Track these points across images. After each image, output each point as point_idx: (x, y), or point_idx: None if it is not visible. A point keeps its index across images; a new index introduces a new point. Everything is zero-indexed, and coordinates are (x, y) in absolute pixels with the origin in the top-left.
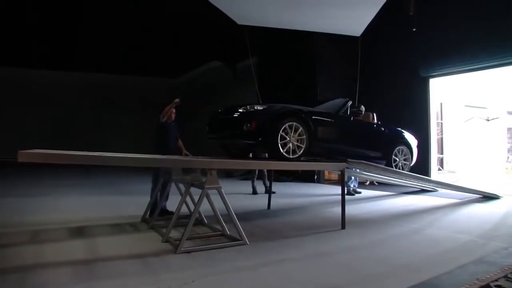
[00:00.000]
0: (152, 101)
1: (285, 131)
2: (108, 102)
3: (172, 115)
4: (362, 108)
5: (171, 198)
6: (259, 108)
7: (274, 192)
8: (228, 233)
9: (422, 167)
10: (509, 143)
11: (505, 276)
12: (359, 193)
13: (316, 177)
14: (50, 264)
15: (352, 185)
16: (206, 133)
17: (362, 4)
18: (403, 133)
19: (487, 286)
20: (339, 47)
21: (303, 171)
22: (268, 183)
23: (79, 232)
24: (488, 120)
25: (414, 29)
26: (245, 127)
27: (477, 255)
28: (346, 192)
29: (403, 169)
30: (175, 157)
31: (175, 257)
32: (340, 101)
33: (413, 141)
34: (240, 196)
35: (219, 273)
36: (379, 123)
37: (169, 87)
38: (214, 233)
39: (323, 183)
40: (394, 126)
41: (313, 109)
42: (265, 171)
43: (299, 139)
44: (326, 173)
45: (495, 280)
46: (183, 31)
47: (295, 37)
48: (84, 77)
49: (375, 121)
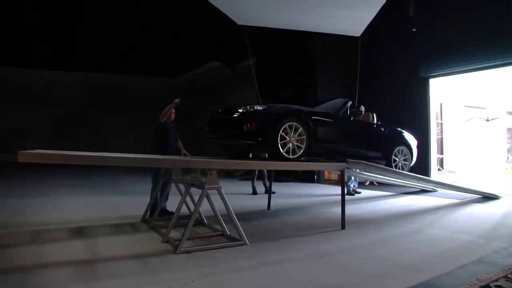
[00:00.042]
0: (152, 101)
1: (285, 131)
2: (108, 102)
3: (171, 115)
4: (362, 108)
5: (171, 198)
6: (259, 108)
7: (274, 192)
8: (228, 233)
9: (422, 167)
10: (508, 143)
11: (505, 276)
12: (359, 193)
13: (316, 177)
14: (50, 264)
15: (352, 185)
16: (206, 133)
17: (362, 4)
18: (403, 133)
19: (487, 286)
20: (339, 47)
21: (303, 171)
22: (268, 183)
23: (80, 232)
24: (488, 121)
25: (414, 29)
26: (245, 127)
27: (477, 255)
28: (346, 192)
29: (403, 169)
30: (175, 157)
31: (175, 257)
32: (340, 101)
33: (413, 141)
34: (240, 196)
35: (219, 273)
36: (379, 123)
37: (169, 87)
38: (214, 233)
39: (323, 183)
40: (394, 126)
41: (313, 109)
42: (265, 171)
43: (299, 139)
44: (326, 173)
45: (495, 280)
46: (183, 31)
47: (295, 37)
48: (84, 77)
49: (375, 121)
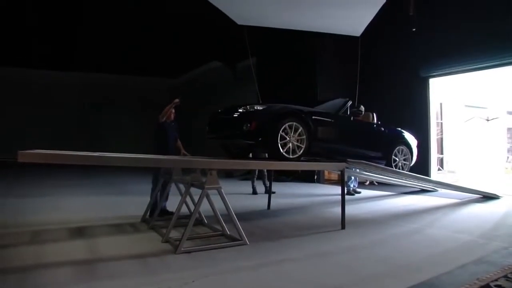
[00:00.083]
0: (152, 101)
1: (285, 131)
2: (108, 102)
3: (171, 115)
4: (362, 108)
5: (171, 198)
6: (259, 108)
7: (274, 192)
8: (228, 233)
9: (422, 167)
10: (509, 143)
11: (505, 276)
12: (359, 193)
13: (316, 177)
14: (50, 264)
15: (352, 185)
16: (206, 133)
17: (362, 4)
18: (403, 133)
19: (487, 286)
20: (339, 47)
21: (303, 171)
22: (268, 183)
23: (79, 232)
24: (488, 120)
25: (414, 29)
26: (245, 127)
27: (477, 255)
28: (346, 192)
29: (403, 169)
30: (175, 157)
31: (175, 257)
32: (340, 101)
33: (413, 141)
34: (240, 196)
35: (219, 273)
36: (379, 123)
37: (169, 87)
38: (214, 233)
39: (323, 183)
40: (394, 126)
41: (313, 109)
42: (265, 171)
43: (299, 139)
44: (326, 173)
45: (495, 280)
46: (183, 31)
47: (295, 37)
48: (84, 77)
49: (375, 121)
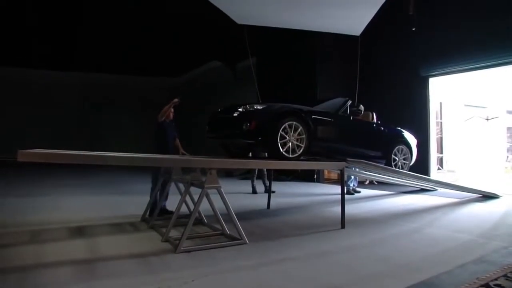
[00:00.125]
0: (152, 101)
1: (285, 131)
2: (108, 102)
3: (170, 114)
4: (362, 108)
5: (171, 198)
6: (259, 107)
7: (273, 192)
8: (228, 232)
9: (422, 166)
10: (508, 142)
11: (504, 275)
12: (359, 192)
13: (315, 176)
14: (50, 263)
15: (351, 185)
16: (206, 133)
17: (361, 3)
18: (402, 132)
19: (487, 285)
20: (339, 47)
21: (302, 170)
22: (267, 183)
23: (79, 231)
24: (487, 120)
25: (414, 29)
26: (244, 127)
27: (477, 254)
28: (345, 191)
29: (402, 168)
30: (175, 156)
31: (175, 256)
32: (339, 100)
33: (412, 141)
34: (239, 195)
35: (219, 272)
36: (379, 122)
37: (169, 87)
38: (214, 232)
39: (322, 182)
40: (394, 126)
41: (312, 108)
42: (265, 170)
43: (298, 138)
44: (326, 172)
45: (495, 279)
46: (183, 31)
47: (295, 37)
48: (84, 77)
49: (375, 120)
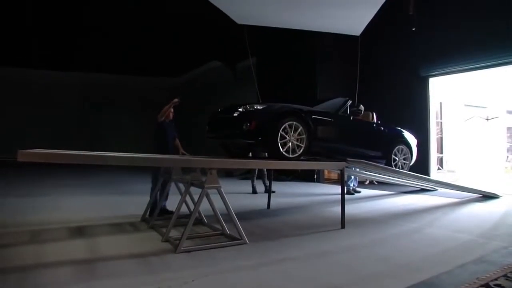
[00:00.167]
0: (152, 101)
1: (285, 131)
2: (108, 102)
3: (170, 114)
4: (362, 108)
5: (171, 198)
6: (259, 107)
7: (273, 192)
8: (228, 232)
9: (422, 166)
10: (508, 142)
11: (504, 275)
12: (359, 192)
13: (315, 176)
14: (50, 263)
15: (351, 185)
16: (206, 133)
17: (361, 3)
18: (402, 132)
19: (487, 285)
20: (339, 47)
21: (302, 170)
22: (267, 183)
23: (79, 231)
24: (487, 120)
25: (414, 29)
26: (245, 127)
27: (477, 254)
28: (345, 191)
29: (402, 168)
30: (175, 156)
31: (175, 256)
32: (339, 100)
33: (412, 141)
34: (240, 195)
35: (219, 272)
36: (379, 122)
37: (169, 87)
38: (214, 232)
39: (322, 182)
40: (394, 126)
41: (312, 108)
42: (265, 170)
43: (298, 138)
44: (326, 172)
45: (495, 279)
46: (183, 31)
47: (295, 37)
48: (84, 77)
49: (375, 120)
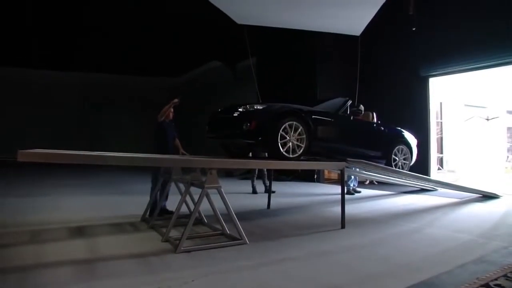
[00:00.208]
0: (152, 101)
1: (285, 131)
2: (108, 102)
3: (170, 114)
4: (362, 108)
5: (171, 198)
6: (259, 107)
7: (274, 192)
8: (228, 232)
9: (422, 166)
10: (508, 142)
11: (504, 275)
12: (359, 192)
13: (316, 176)
14: (50, 263)
15: (351, 185)
16: (206, 133)
17: (361, 3)
18: (402, 132)
19: (487, 285)
20: (339, 47)
21: (302, 170)
22: (268, 183)
23: (79, 231)
24: (487, 120)
25: (414, 29)
26: (245, 127)
27: (477, 254)
28: (346, 191)
29: (402, 168)
30: (175, 156)
31: (175, 256)
32: (339, 100)
33: (412, 141)
34: (240, 195)
35: (219, 272)
36: (379, 122)
37: (169, 87)
38: (214, 232)
39: (322, 182)
40: (394, 126)
41: (313, 108)
42: (265, 170)
43: (299, 138)
44: (326, 172)
45: (495, 279)
46: (183, 31)
47: (295, 37)
48: (84, 77)
49: (375, 120)
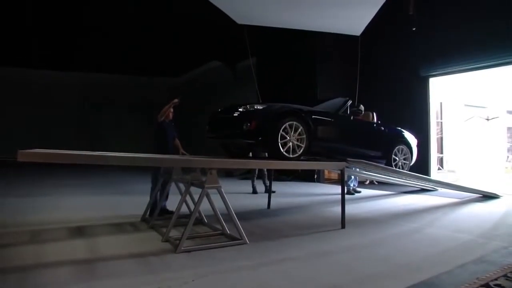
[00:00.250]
0: (152, 101)
1: (285, 131)
2: (108, 102)
3: (170, 114)
4: (362, 108)
5: (171, 198)
6: (259, 107)
7: (274, 192)
8: (228, 232)
9: (422, 166)
10: (508, 142)
11: (504, 275)
12: (359, 192)
13: (316, 176)
14: (50, 263)
15: (352, 185)
16: (206, 133)
17: (362, 3)
18: (403, 132)
19: (487, 285)
20: (339, 47)
21: (303, 170)
22: (268, 183)
23: (79, 231)
24: (488, 120)
25: (414, 29)
26: (245, 127)
27: (477, 254)
28: (346, 191)
29: (403, 168)
30: (175, 156)
31: (175, 256)
32: (340, 100)
33: (413, 141)
34: (240, 195)
35: (219, 272)
36: (379, 122)
37: (169, 87)
38: (214, 232)
39: (323, 182)
40: (394, 126)
41: (313, 108)
42: (265, 170)
43: (299, 138)
44: (326, 172)
45: (495, 279)
46: (183, 31)
47: (295, 37)
48: (84, 77)
49: (375, 120)
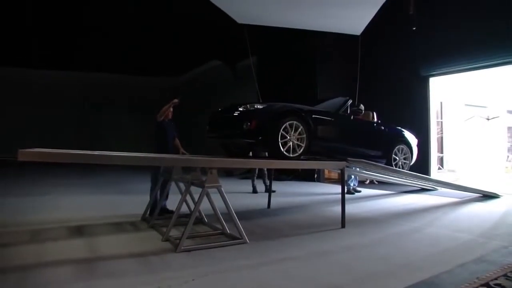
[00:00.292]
0: (152, 101)
1: (285, 130)
2: (108, 102)
3: (169, 114)
4: (362, 107)
5: (171, 197)
6: (259, 107)
7: (274, 191)
8: (228, 232)
9: (422, 166)
10: (509, 142)
11: (504, 275)
12: (359, 192)
13: (316, 176)
14: (50, 263)
15: (352, 184)
16: (206, 133)
17: (362, 3)
18: (403, 132)
19: (487, 285)
20: (339, 46)
21: (303, 170)
22: (268, 182)
23: (79, 231)
24: (488, 119)
25: (414, 28)
26: (245, 126)
27: (477, 254)
28: (346, 191)
29: (403, 168)
30: (175, 156)
31: (175, 256)
32: (340, 100)
33: (413, 140)
34: (240, 195)
35: (219, 271)
36: (379, 122)
37: (169, 87)
38: (214, 232)
39: (323, 182)
40: (394, 125)
41: (313, 108)
42: (265, 170)
43: (299, 138)
44: (326, 172)
45: (495, 279)
46: (183, 31)
47: (295, 37)
48: (84, 77)
49: (375, 120)
